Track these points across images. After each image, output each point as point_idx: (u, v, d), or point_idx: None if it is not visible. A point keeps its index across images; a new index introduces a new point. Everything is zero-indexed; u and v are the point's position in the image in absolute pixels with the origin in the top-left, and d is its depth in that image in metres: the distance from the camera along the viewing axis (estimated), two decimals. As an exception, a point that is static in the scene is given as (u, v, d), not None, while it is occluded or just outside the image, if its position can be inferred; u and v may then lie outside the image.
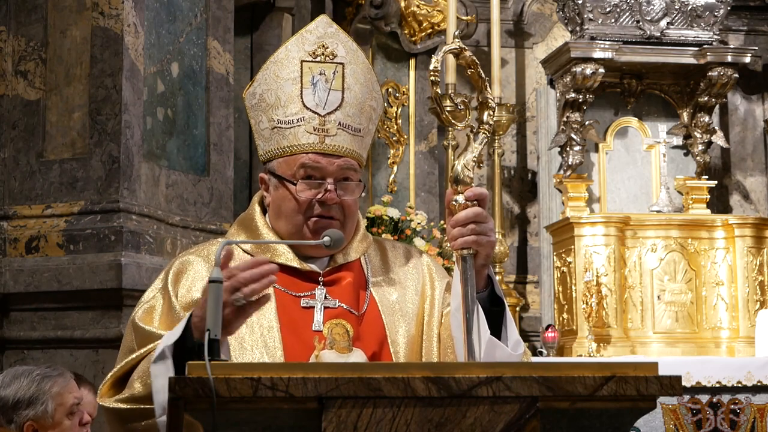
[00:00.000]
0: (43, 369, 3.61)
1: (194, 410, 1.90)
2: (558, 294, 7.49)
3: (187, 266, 2.56)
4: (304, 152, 2.53)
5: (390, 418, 1.91)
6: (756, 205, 8.37)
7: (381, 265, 2.66)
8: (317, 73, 2.57)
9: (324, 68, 2.58)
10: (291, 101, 2.56)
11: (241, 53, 6.69)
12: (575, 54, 7.45)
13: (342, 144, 2.55)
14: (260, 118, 2.60)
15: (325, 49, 2.59)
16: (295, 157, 2.54)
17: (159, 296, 2.55)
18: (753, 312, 7.22)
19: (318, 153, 2.53)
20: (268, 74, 2.59)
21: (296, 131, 2.54)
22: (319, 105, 2.56)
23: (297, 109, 2.55)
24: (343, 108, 2.57)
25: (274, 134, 2.57)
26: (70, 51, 5.02)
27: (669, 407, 6.32)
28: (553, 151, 7.84)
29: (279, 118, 2.56)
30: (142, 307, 2.54)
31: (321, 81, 2.57)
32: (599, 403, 1.98)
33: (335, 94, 2.57)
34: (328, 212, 2.52)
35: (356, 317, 2.52)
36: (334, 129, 2.55)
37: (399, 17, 7.72)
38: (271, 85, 2.58)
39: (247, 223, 2.64)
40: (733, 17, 8.21)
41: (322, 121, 2.55)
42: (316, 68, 2.58)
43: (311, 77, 2.57)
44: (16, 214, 4.99)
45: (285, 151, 2.55)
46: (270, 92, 2.58)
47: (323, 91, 2.57)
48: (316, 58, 2.58)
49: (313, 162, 2.52)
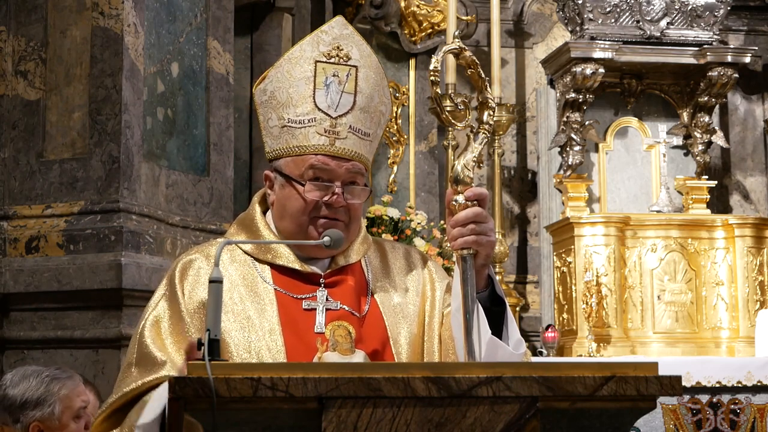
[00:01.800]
0: (52, 370, 3.60)
1: (194, 410, 1.90)
2: (558, 294, 7.50)
3: (190, 264, 2.56)
4: (314, 153, 2.52)
5: (390, 418, 1.91)
6: (756, 205, 8.37)
7: (381, 267, 2.65)
8: (331, 75, 2.56)
9: (338, 70, 2.57)
10: (303, 101, 2.55)
11: (241, 53, 6.68)
12: (575, 54, 7.46)
13: (351, 147, 2.54)
14: (270, 115, 2.59)
15: (339, 51, 2.58)
16: (303, 157, 2.53)
17: (164, 303, 2.53)
18: (753, 312, 7.22)
19: (327, 155, 2.52)
20: (281, 72, 2.58)
21: (307, 132, 2.53)
22: (331, 107, 2.54)
23: (309, 109, 2.54)
24: (354, 111, 2.56)
25: (284, 133, 2.56)
26: (70, 51, 5.02)
27: (669, 407, 6.32)
28: (553, 151, 7.84)
29: (290, 116, 2.55)
30: (149, 317, 2.52)
31: (334, 82, 2.56)
32: (599, 403, 1.98)
33: (347, 97, 2.56)
34: (334, 214, 2.52)
35: (358, 319, 2.52)
36: (344, 132, 2.54)
37: (399, 17, 7.72)
38: (284, 83, 2.57)
39: (248, 223, 2.63)
40: (733, 17, 8.21)
41: (333, 123, 2.54)
42: (330, 69, 2.56)
43: (324, 78, 2.56)
44: (16, 214, 4.99)
45: (294, 150, 2.54)
46: (282, 90, 2.57)
47: (336, 92, 2.56)
48: (330, 59, 2.57)
49: (323, 164, 2.51)
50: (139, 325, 2.53)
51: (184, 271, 2.55)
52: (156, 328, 2.49)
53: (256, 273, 2.55)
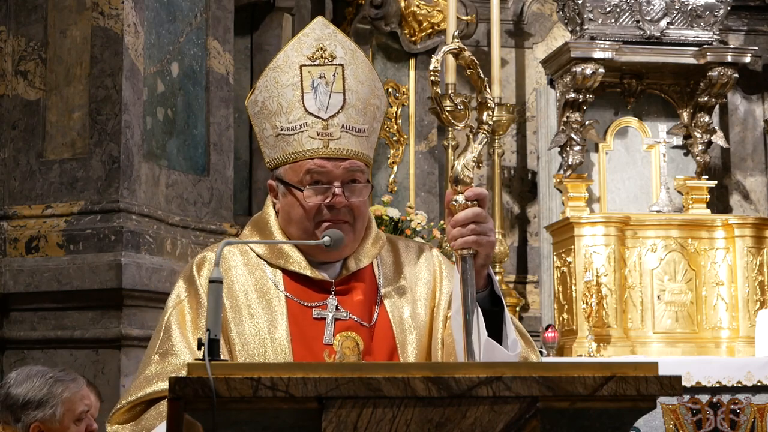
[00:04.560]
0: (57, 372, 3.60)
1: (194, 410, 1.90)
2: (558, 294, 7.49)
3: (204, 261, 2.58)
4: (310, 158, 2.51)
5: (390, 418, 1.91)
6: (756, 205, 8.37)
7: (393, 269, 2.65)
8: (317, 77, 2.56)
9: (324, 71, 2.56)
10: (293, 107, 2.54)
11: (241, 53, 6.69)
12: (575, 54, 7.45)
13: (347, 146, 2.53)
14: (264, 126, 2.59)
15: (323, 51, 2.58)
16: (300, 163, 2.52)
17: (185, 297, 2.54)
18: (753, 312, 7.21)
19: (323, 158, 2.51)
20: (268, 81, 2.58)
21: (300, 137, 2.53)
22: (321, 109, 2.54)
23: (299, 114, 2.54)
24: (345, 110, 2.55)
25: (279, 141, 2.56)
26: (70, 51, 5.02)
27: (669, 407, 6.32)
28: (553, 151, 7.84)
29: (282, 125, 2.55)
30: (172, 311, 2.53)
31: (321, 84, 2.55)
32: (599, 403, 1.98)
33: (336, 97, 2.55)
34: (337, 216, 2.51)
35: (367, 329, 2.52)
36: (337, 132, 2.53)
37: (399, 17, 7.72)
38: (272, 92, 2.57)
39: (262, 225, 2.64)
40: (733, 17, 8.21)
41: (325, 125, 2.53)
42: (316, 71, 2.56)
43: (311, 81, 2.55)
44: (16, 214, 4.99)
45: (290, 157, 2.54)
46: (271, 99, 2.57)
47: (324, 94, 2.55)
48: (315, 62, 2.57)
49: (319, 167, 2.51)
50: (162, 318, 2.54)
51: (200, 267, 2.56)
52: (181, 319, 2.51)
53: (268, 278, 2.56)
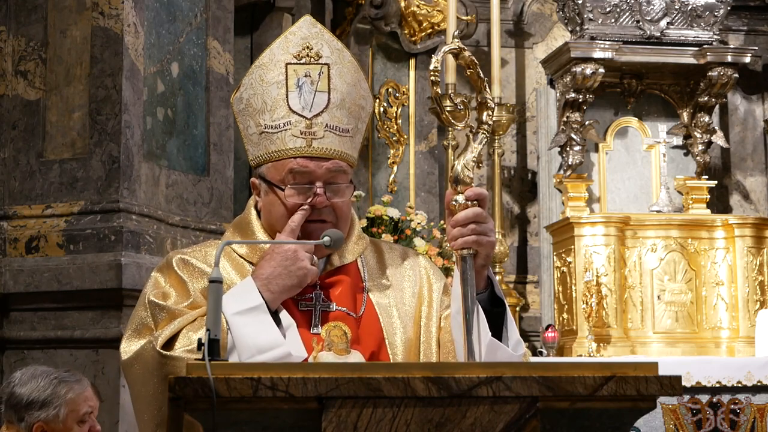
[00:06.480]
0: (61, 373, 3.59)
1: (194, 410, 1.90)
2: (558, 294, 7.49)
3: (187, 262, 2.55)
4: (292, 157, 2.51)
5: (390, 418, 1.91)
6: (756, 205, 8.37)
7: (377, 267, 2.65)
8: (302, 75, 2.55)
9: (309, 70, 2.56)
10: (277, 105, 2.54)
11: (241, 53, 6.68)
12: (575, 54, 7.45)
13: (330, 146, 2.53)
14: (248, 123, 2.59)
15: (309, 50, 2.57)
16: (283, 162, 2.52)
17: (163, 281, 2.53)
18: (753, 312, 7.22)
19: (306, 157, 2.51)
20: (254, 78, 2.58)
21: (283, 136, 2.52)
22: (305, 108, 2.53)
23: (283, 113, 2.53)
24: (329, 110, 2.55)
25: (263, 139, 2.55)
26: (70, 51, 5.02)
27: (669, 407, 6.32)
28: (553, 151, 7.84)
29: (266, 122, 2.55)
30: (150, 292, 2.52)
31: (306, 83, 2.55)
32: (599, 403, 1.98)
33: (321, 96, 2.55)
34: (320, 216, 2.51)
35: (354, 320, 2.52)
36: (321, 131, 2.52)
37: (399, 17, 7.71)
38: (257, 90, 2.56)
39: (243, 226, 2.63)
40: (733, 17, 8.21)
41: (309, 124, 2.53)
42: (301, 70, 2.55)
43: (296, 80, 2.55)
44: (16, 214, 4.99)
45: (273, 156, 2.54)
46: (256, 97, 2.56)
47: (309, 93, 2.54)
48: (300, 60, 2.56)
49: (301, 166, 2.50)
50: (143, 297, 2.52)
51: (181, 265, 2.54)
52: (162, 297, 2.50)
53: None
